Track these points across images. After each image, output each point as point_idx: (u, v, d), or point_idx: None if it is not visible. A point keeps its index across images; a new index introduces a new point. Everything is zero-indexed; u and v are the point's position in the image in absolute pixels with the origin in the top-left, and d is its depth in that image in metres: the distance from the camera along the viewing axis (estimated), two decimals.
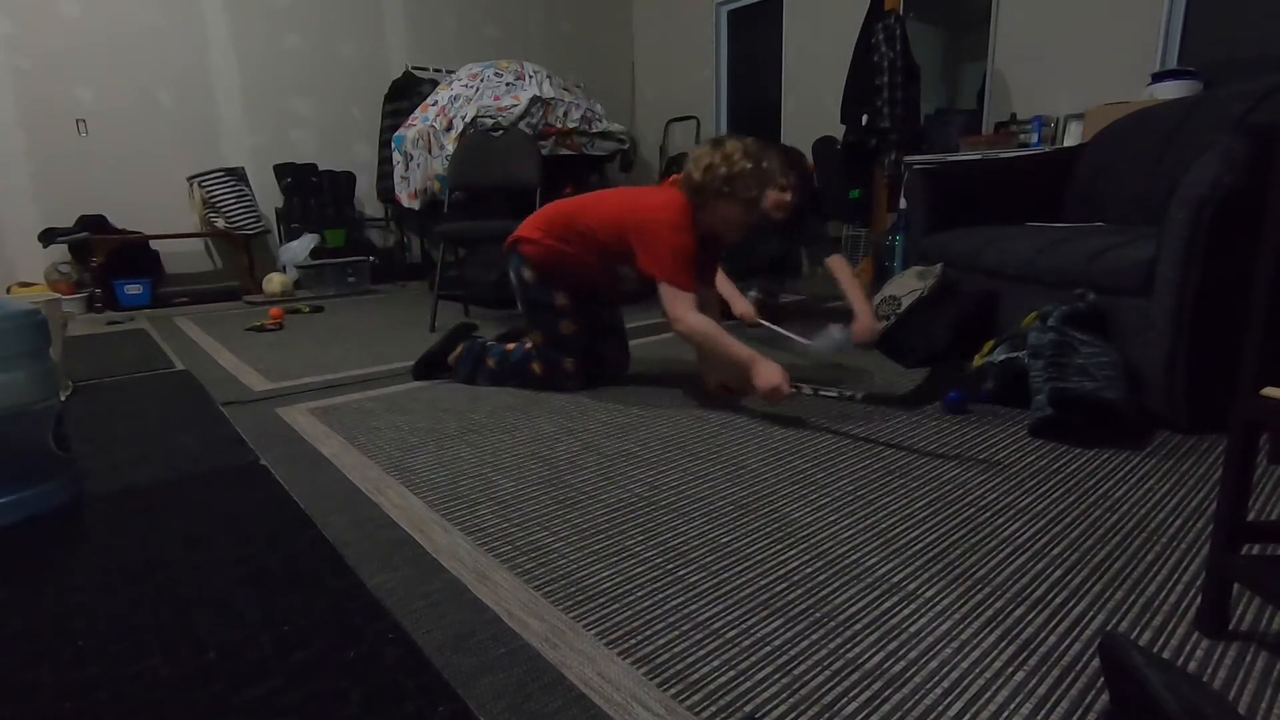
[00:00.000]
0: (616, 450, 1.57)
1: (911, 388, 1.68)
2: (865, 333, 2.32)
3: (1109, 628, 0.91)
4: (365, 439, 1.68)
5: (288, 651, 0.88)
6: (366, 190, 4.97)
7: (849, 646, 0.88)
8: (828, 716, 0.76)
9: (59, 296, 2.97)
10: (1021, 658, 0.85)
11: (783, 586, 1.01)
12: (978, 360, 1.91)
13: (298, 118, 4.71)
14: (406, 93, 4.66)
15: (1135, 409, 1.56)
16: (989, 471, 1.41)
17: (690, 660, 0.86)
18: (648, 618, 0.95)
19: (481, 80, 3.85)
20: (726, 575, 1.05)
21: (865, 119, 3.87)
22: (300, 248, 4.36)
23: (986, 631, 0.90)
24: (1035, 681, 0.81)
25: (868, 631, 0.91)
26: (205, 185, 4.24)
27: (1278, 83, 2.01)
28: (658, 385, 2.10)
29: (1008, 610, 0.95)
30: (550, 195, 2.44)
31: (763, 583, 1.02)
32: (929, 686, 0.80)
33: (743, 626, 0.92)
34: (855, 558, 1.09)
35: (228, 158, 4.48)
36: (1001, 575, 1.03)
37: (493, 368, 2.10)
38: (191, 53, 4.30)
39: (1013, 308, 2.09)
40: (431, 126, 3.71)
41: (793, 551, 1.11)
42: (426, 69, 5.00)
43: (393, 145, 4.00)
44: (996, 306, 2.19)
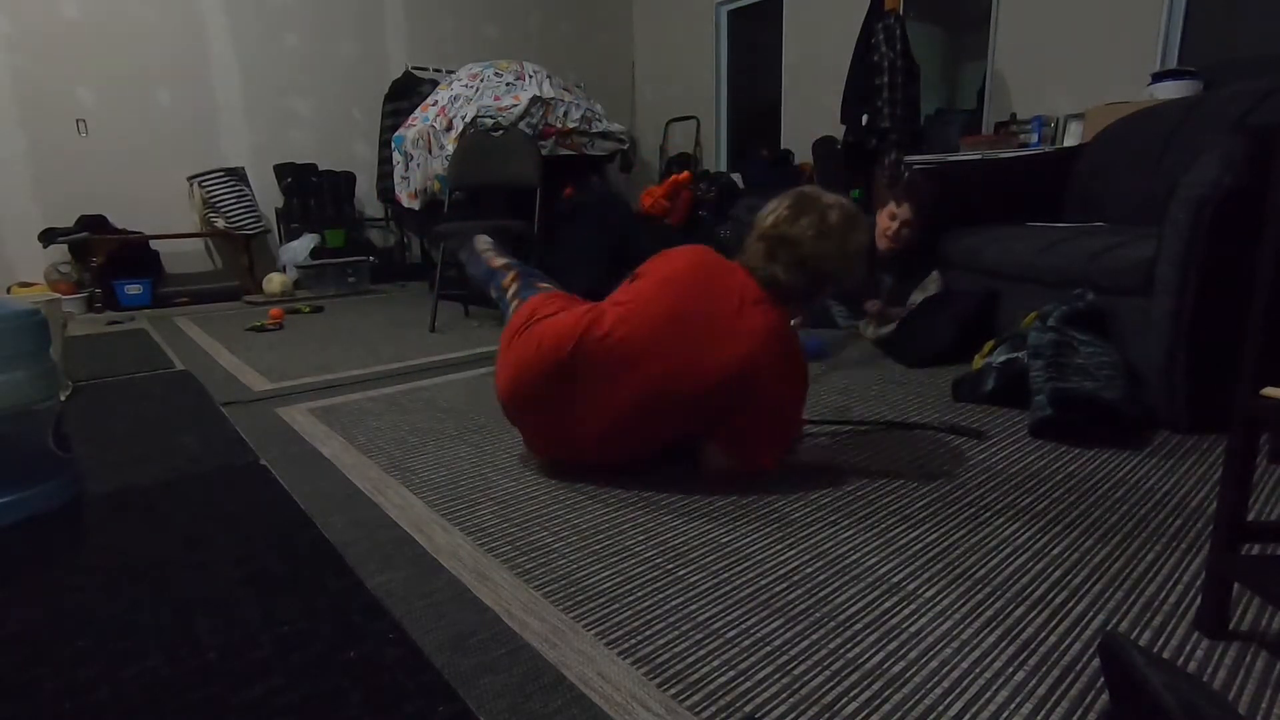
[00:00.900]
0: None
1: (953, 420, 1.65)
2: (874, 312, 2.50)
3: (1109, 628, 0.91)
4: (365, 439, 1.68)
5: (288, 651, 0.88)
6: (366, 190, 4.97)
7: (849, 646, 0.88)
8: (828, 716, 0.76)
9: (59, 296, 2.97)
10: (1021, 658, 0.85)
11: (783, 586, 1.01)
12: (978, 360, 1.91)
13: (298, 118, 4.71)
14: (406, 93, 4.66)
15: (1135, 409, 1.56)
16: (989, 471, 1.41)
17: (690, 660, 0.86)
18: (648, 618, 0.95)
19: (481, 80, 3.84)
20: (726, 575, 1.05)
21: (865, 119, 3.87)
22: (300, 248, 4.37)
23: (986, 631, 0.90)
24: (1035, 681, 0.81)
25: (868, 631, 0.91)
26: (205, 185, 4.24)
27: (1278, 83, 2.01)
28: None
29: (1008, 610, 0.95)
30: (550, 195, 2.43)
31: (763, 583, 1.02)
32: (929, 686, 0.80)
33: (743, 626, 0.92)
34: (855, 558, 1.09)
35: (228, 158, 4.48)
36: (1001, 575, 1.03)
37: (491, 293, 1.77)
38: (191, 52, 4.30)
39: (1013, 308, 2.09)
40: (431, 126, 3.71)
41: (793, 551, 1.11)
42: (426, 69, 5.00)
43: (393, 145, 4.00)
44: (997, 306, 2.20)
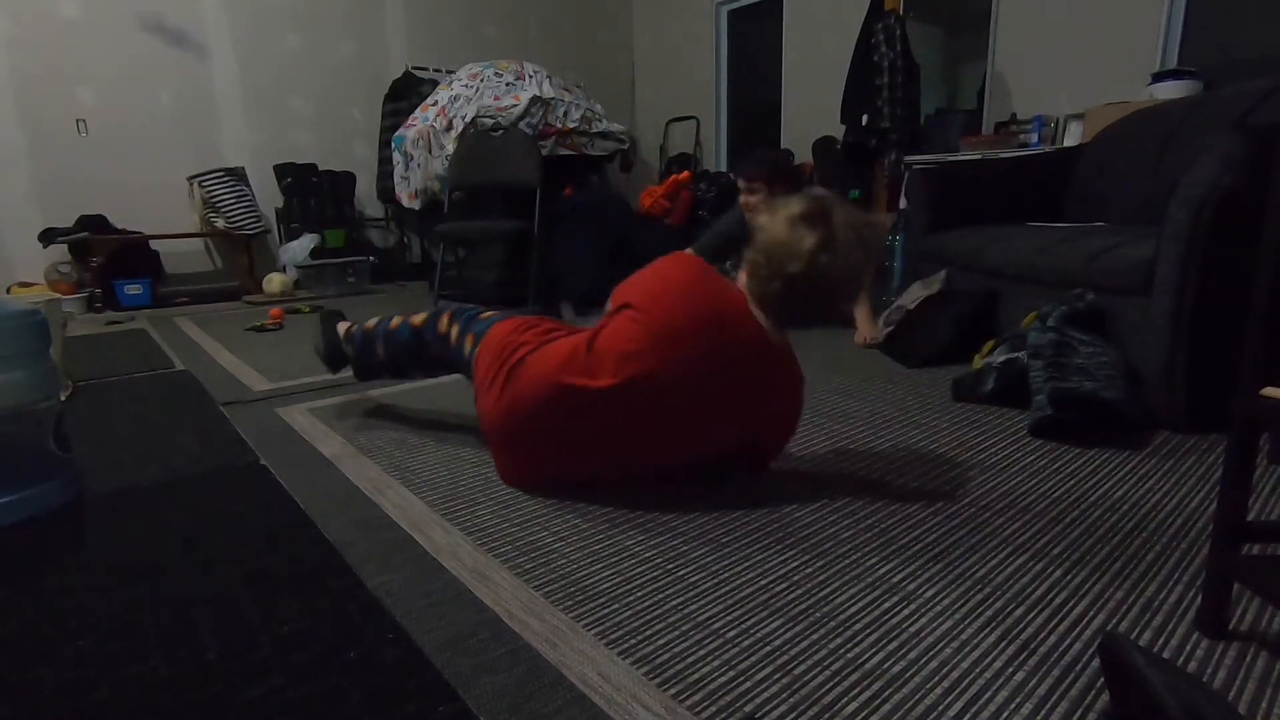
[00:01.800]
0: None
1: None
2: (864, 339, 2.53)
3: (1109, 628, 0.91)
4: (365, 439, 1.68)
5: (288, 652, 0.88)
6: (366, 190, 4.97)
7: (849, 646, 0.88)
8: (828, 716, 0.76)
9: (59, 296, 2.98)
10: (1021, 658, 0.85)
11: (783, 586, 1.01)
12: (978, 360, 1.91)
13: (297, 118, 4.71)
14: (406, 93, 4.66)
15: (1135, 409, 1.56)
16: (989, 471, 1.41)
17: (690, 660, 0.86)
18: (648, 618, 0.95)
19: (481, 80, 3.85)
20: (726, 575, 1.05)
21: (865, 119, 3.87)
22: (300, 248, 4.36)
23: (986, 631, 0.90)
24: (1035, 681, 0.81)
25: (868, 631, 0.91)
26: (205, 185, 4.24)
27: (1278, 83, 2.01)
28: None
29: (1008, 610, 0.95)
30: (550, 195, 2.43)
31: (763, 583, 1.02)
32: (929, 686, 0.80)
33: (743, 626, 0.92)
34: (855, 558, 1.09)
35: (228, 158, 4.48)
36: (1001, 575, 1.03)
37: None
38: (191, 52, 4.30)
39: (1013, 308, 2.09)
40: (431, 126, 3.71)
41: (793, 552, 1.11)
42: (426, 69, 5.00)
43: (393, 145, 4.00)
44: (997, 306, 2.20)
